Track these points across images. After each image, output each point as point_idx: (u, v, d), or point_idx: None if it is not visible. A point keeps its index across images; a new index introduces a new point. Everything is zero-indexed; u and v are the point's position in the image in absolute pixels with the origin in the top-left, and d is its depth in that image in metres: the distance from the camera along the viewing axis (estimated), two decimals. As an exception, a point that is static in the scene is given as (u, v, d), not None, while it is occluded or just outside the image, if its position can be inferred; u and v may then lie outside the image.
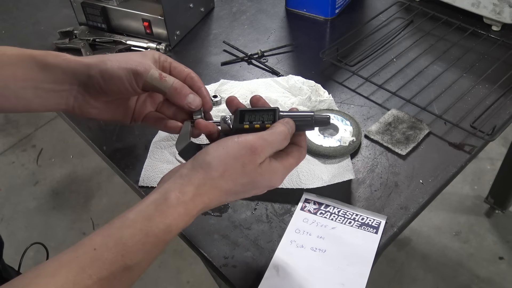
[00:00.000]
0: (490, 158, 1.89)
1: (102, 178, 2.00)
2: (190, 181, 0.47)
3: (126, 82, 0.55)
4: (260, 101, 0.57)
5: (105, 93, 0.57)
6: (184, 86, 0.57)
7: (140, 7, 1.00)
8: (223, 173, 0.48)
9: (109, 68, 0.55)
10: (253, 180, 0.49)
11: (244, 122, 0.54)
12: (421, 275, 1.58)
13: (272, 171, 0.51)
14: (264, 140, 0.49)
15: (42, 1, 1.21)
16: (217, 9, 1.14)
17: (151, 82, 0.56)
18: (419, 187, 0.71)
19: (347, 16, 1.09)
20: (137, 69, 0.55)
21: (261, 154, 0.49)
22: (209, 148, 0.50)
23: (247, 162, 0.48)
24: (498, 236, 1.67)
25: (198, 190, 0.47)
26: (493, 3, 0.96)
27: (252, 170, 0.49)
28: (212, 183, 0.48)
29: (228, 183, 0.48)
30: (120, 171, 0.77)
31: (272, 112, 0.54)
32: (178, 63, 0.61)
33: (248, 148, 0.48)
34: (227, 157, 0.48)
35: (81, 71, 0.56)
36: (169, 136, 0.80)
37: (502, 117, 0.81)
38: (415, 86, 0.88)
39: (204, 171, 0.48)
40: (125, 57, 0.57)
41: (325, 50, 0.95)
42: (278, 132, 0.51)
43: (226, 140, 0.50)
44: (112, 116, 0.62)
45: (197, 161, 0.49)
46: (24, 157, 2.14)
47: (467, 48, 0.95)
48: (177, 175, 0.49)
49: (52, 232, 1.81)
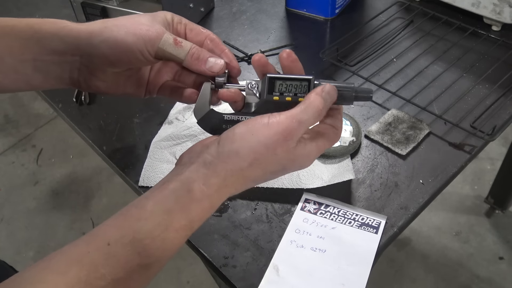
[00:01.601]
0: (490, 158, 1.89)
1: (102, 178, 2.00)
2: (216, 171, 0.43)
3: (136, 51, 0.48)
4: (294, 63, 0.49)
5: (112, 64, 0.49)
6: (202, 51, 0.50)
7: (140, 7, 1.00)
8: (252, 163, 0.43)
9: (115, 35, 0.47)
10: (285, 166, 0.45)
11: (274, 93, 0.47)
12: (421, 275, 1.58)
13: (306, 155, 0.46)
14: (297, 121, 0.44)
15: (42, 1, 1.21)
16: (217, 9, 1.14)
17: (165, 49, 0.48)
18: (419, 187, 0.71)
19: (347, 16, 1.09)
20: (148, 34, 0.48)
21: (294, 138, 0.44)
22: (235, 133, 0.44)
23: (279, 149, 0.43)
24: (498, 236, 1.67)
25: (225, 182, 0.43)
26: (493, 3, 0.96)
27: (285, 157, 0.44)
28: (240, 173, 0.43)
29: (258, 171, 0.44)
30: (120, 171, 0.77)
31: (307, 82, 0.47)
32: (194, 24, 0.53)
33: (280, 133, 0.43)
34: (257, 144, 0.43)
35: (83, 40, 0.48)
36: (169, 136, 0.80)
37: (502, 117, 0.81)
38: (415, 86, 0.88)
39: (231, 161, 0.43)
40: (132, 20, 0.49)
41: (325, 50, 0.95)
42: (312, 108, 0.45)
43: (255, 123, 0.44)
44: (123, 89, 0.54)
45: (223, 147, 0.44)
46: (24, 157, 2.14)
47: (467, 48, 0.95)
48: (200, 161, 0.43)
49: (52, 232, 1.81)
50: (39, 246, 1.76)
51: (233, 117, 0.48)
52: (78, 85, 0.52)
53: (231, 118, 0.48)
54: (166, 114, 0.85)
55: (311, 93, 0.46)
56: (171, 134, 0.80)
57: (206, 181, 0.42)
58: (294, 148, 0.44)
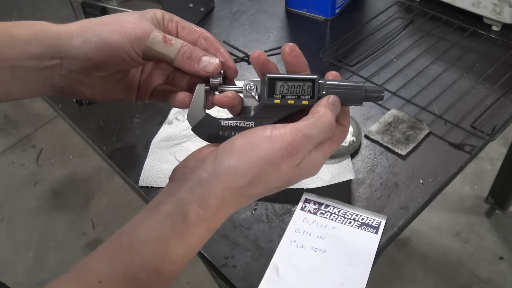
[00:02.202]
0: (490, 158, 1.89)
1: (102, 178, 2.00)
2: (212, 191, 0.38)
3: (122, 51, 0.43)
4: (298, 59, 0.45)
5: (97, 67, 0.45)
6: (195, 49, 0.46)
7: (140, 7, 1.00)
8: (253, 180, 0.39)
9: (98, 34, 0.43)
10: (289, 180, 0.41)
11: (274, 96, 0.43)
12: (421, 275, 1.58)
13: (311, 166, 0.42)
14: (304, 136, 0.39)
15: (42, 1, 1.21)
16: (217, 9, 1.14)
17: (154, 47, 0.44)
18: (419, 187, 0.71)
19: (347, 16, 1.09)
20: (134, 32, 0.43)
21: (299, 153, 0.40)
22: (234, 147, 0.40)
23: (283, 165, 0.39)
24: (498, 236, 1.67)
25: (223, 202, 0.39)
26: (493, 3, 0.96)
27: (288, 173, 0.40)
28: (240, 191, 0.39)
29: (259, 189, 0.40)
30: (120, 171, 0.77)
31: (311, 83, 0.43)
32: (186, 22, 0.48)
33: (284, 148, 0.39)
34: (258, 160, 0.39)
35: (64, 41, 0.43)
36: (169, 136, 0.80)
37: (502, 117, 0.81)
38: (415, 86, 0.88)
39: (229, 178, 0.39)
40: (117, 19, 0.45)
41: (325, 50, 0.95)
42: (321, 122, 0.40)
43: (256, 136, 0.40)
44: (112, 95, 0.49)
45: (220, 163, 0.39)
46: (24, 157, 2.14)
47: (467, 48, 0.95)
48: (195, 179, 0.39)
49: (52, 232, 1.81)
50: (39, 246, 1.76)
51: (231, 122, 0.44)
52: (62, 92, 0.47)
53: (229, 124, 0.44)
54: (166, 114, 0.85)
55: (319, 106, 0.42)
56: (171, 134, 0.80)
57: (202, 203, 0.38)
58: (299, 163, 0.40)
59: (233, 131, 0.44)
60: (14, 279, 1.67)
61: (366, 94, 0.43)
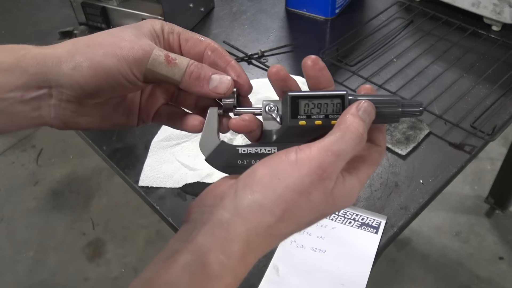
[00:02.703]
0: (490, 158, 1.89)
1: (102, 178, 2.00)
2: (236, 234, 0.33)
3: (119, 76, 0.38)
4: (322, 72, 0.39)
5: (92, 95, 0.39)
6: (203, 67, 0.40)
7: (140, 7, 1.00)
8: (282, 216, 0.34)
9: (90, 58, 0.37)
10: (323, 212, 0.36)
11: (299, 116, 0.38)
12: (421, 275, 1.58)
13: (347, 193, 0.36)
14: (334, 154, 0.34)
15: (42, 1, 1.21)
16: (217, 9, 1.14)
17: (156, 69, 0.39)
18: (419, 187, 0.71)
19: (347, 16, 1.09)
20: (132, 53, 0.38)
21: (331, 176, 0.34)
22: (256, 178, 0.35)
23: (314, 192, 0.34)
24: (498, 236, 1.67)
25: (249, 245, 0.33)
26: (493, 3, 0.96)
27: (322, 202, 0.35)
28: (268, 231, 0.34)
29: (290, 225, 0.35)
30: (120, 171, 0.77)
31: (339, 100, 0.38)
32: (190, 32, 0.42)
33: (314, 172, 0.34)
34: (285, 191, 0.33)
35: (51, 69, 0.37)
36: (169, 136, 0.80)
37: (502, 117, 0.81)
38: (415, 86, 0.88)
39: (255, 217, 0.33)
40: (110, 37, 0.39)
41: (325, 50, 0.95)
42: (350, 134, 0.35)
43: (279, 162, 0.35)
44: (111, 122, 0.43)
45: (241, 199, 0.34)
46: (24, 157, 2.14)
47: (467, 48, 0.95)
48: (215, 220, 0.34)
49: (52, 232, 1.81)
50: (39, 246, 1.76)
51: (249, 149, 0.39)
52: (51, 124, 0.41)
53: (248, 151, 0.39)
54: (166, 114, 0.85)
55: (346, 115, 0.36)
56: (171, 134, 0.80)
57: (225, 249, 0.33)
58: (333, 189, 0.35)
59: (253, 159, 0.39)
60: (14, 279, 1.67)
61: (403, 109, 0.38)
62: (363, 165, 0.38)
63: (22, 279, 1.67)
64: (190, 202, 0.39)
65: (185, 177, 0.74)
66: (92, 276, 1.66)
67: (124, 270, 1.67)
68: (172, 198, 0.73)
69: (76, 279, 1.66)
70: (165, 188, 0.74)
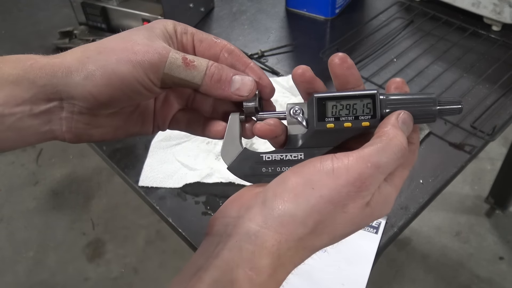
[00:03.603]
0: (490, 158, 1.89)
1: (102, 178, 2.00)
2: (265, 247, 0.31)
3: (135, 83, 0.35)
4: (350, 71, 0.37)
5: (105, 106, 0.36)
6: (223, 68, 0.37)
7: (140, 7, 1.00)
8: (315, 228, 0.32)
9: (102, 65, 0.35)
10: (358, 225, 0.34)
11: (326, 119, 0.35)
12: (421, 275, 1.58)
13: (383, 202, 0.34)
14: (374, 166, 0.32)
15: (42, 1, 1.21)
16: (217, 9, 1.14)
17: (173, 74, 0.36)
18: (419, 187, 0.71)
19: (347, 16, 1.09)
20: (147, 58, 0.35)
21: (370, 188, 0.32)
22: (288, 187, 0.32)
23: (350, 205, 0.32)
24: (498, 236, 1.67)
25: (280, 259, 0.31)
26: (493, 3, 0.96)
27: (358, 214, 0.33)
28: (300, 243, 0.32)
29: (323, 238, 0.33)
30: (120, 171, 0.77)
31: (370, 100, 0.35)
32: (204, 33, 0.39)
33: (352, 183, 0.31)
34: (319, 201, 0.31)
35: (61, 79, 0.35)
36: (169, 136, 0.80)
37: (503, 117, 0.81)
38: (416, 86, 0.88)
39: (286, 228, 0.31)
40: (122, 41, 0.36)
41: (325, 50, 0.95)
42: (393, 147, 0.32)
43: (313, 171, 0.32)
44: (125, 131, 0.41)
45: (271, 209, 0.32)
46: (24, 157, 2.14)
47: (467, 48, 0.95)
48: (241, 233, 0.32)
49: (52, 232, 1.81)
50: (38, 246, 1.76)
51: (275, 156, 0.37)
52: (63, 138, 0.38)
53: (273, 158, 0.37)
54: (166, 114, 0.85)
55: (387, 126, 0.34)
56: (171, 134, 0.80)
57: (254, 264, 0.30)
58: (369, 200, 0.33)
59: (278, 167, 0.37)
60: (14, 279, 1.67)
61: (440, 107, 0.35)
62: (397, 169, 0.35)
63: (22, 279, 1.67)
64: (210, 216, 0.36)
65: (185, 177, 0.74)
66: (92, 276, 1.66)
67: (124, 270, 1.67)
68: (172, 198, 0.73)
69: (76, 279, 1.66)
70: (165, 188, 0.74)
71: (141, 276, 1.64)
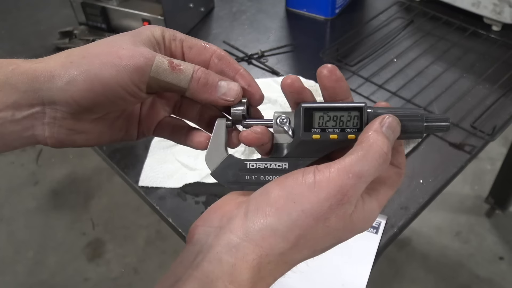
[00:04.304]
0: (490, 158, 1.89)
1: (102, 178, 2.00)
2: (246, 260, 0.31)
3: (119, 88, 0.35)
4: (339, 83, 0.36)
5: (89, 110, 0.36)
6: (209, 73, 0.37)
7: (140, 7, 1.00)
8: (296, 242, 0.32)
9: (85, 70, 0.34)
10: (340, 238, 0.34)
11: (313, 129, 0.35)
12: (421, 275, 1.58)
13: (366, 217, 0.34)
14: (355, 176, 0.31)
15: (42, 1, 1.21)
16: (217, 9, 1.14)
17: (160, 77, 0.35)
18: (419, 187, 0.71)
19: (347, 16, 1.09)
20: (132, 62, 0.35)
21: (352, 200, 0.32)
22: (270, 200, 0.32)
23: (333, 218, 0.32)
24: (498, 236, 1.67)
25: (260, 273, 0.31)
26: (493, 3, 0.96)
27: (340, 228, 0.33)
28: (280, 258, 0.32)
29: (303, 252, 0.33)
30: (120, 171, 0.77)
31: (357, 112, 0.35)
32: (193, 39, 0.39)
33: (333, 196, 0.31)
34: (301, 216, 0.31)
35: (43, 84, 0.34)
36: (169, 136, 0.80)
37: (503, 117, 0.81)
38: (415, 86, 0.88)
39: (267, 242, 0.31)
40: (106, 46, 0.36)
41: (325, 50, 0.95)
42: (373, 153, 0.32)
43: (295, 184, 0.32)
44: (110, 137, 0.40)
45: (253, 222, 0.32)
46: (24, 157, 2.14)
47: (467, 48, 0.95)
48: (222, 245, 0.31)
49: (52, 232, 1.81)
50: (38, 246, 1.76)
51: (259, 164, 0.36)
52: (45, 143, 0.37)
53: (257, 166, 0.36)
54: (166, 114, 0.85)
55: (368, 132, 0.33)
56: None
57: (234, 277, 0.30)
58: (352, 213, 0.33)
59: (262, 175, 0.36)
60: (14, 279, 1.67)
61: (427, 124, 0.35)
62: (382, 187, 0.35)
63: (22, 279, 1.67)
64: (192, 222, 0.36)
65: (185, 177, 0.74)
66: (92, 276, 1.66)
67: (124, 270, 1.67)
68: (172, 198, 0.73)
69: (76, 279, 1.66)
70: (165, 188, 0.74)
71: (141, 276, 1.64)
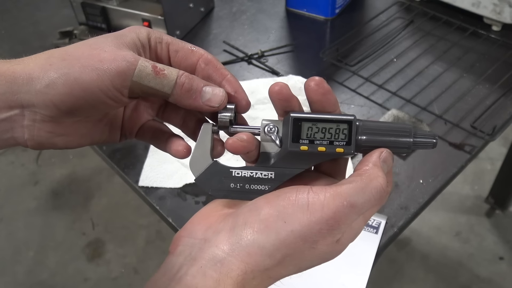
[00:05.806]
0: (490, 158, 1.89)
1: (102, 178, 2.00)
2: (230, 276, 0.30)
3: (99, 92, 0.33)
4: (326, 96, 0.35)
5: (69, 114, 0.35)
6: (194, 78, 0.36)
7: (140, 7, 1.00)
8: (282, 261, 0.31)
9: (65, 73, 0.33)
10: (325, 259, 0.34)
11: (301, 140, 0.35)
12: (421, 275, 1.58)
13: (352, 236, 0.34)
14: (350, 205, 0.31)
15: (42, 1, 1.21)
16: (217, 9, 1.14)
17: (142, 82, 0.34)
18: (419, 187, 0.71)
19: (347, 16, 1.09)
20: (114, 66, 0.33)
21: (342, 228, 0.31)
22: (260, 218, 0.32)
23: (321, 242, 0.31)
24: (498, 236, 1.67)
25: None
26: (493, 3, 0.96)
27: (327, 250, 0.32)
28: (265, 273, 0.31)
29: (288, 269, 0.33)
30: (120, 171, 0.77)
31: (346, 126, 0.34)
32: (181, 42, 0.38)
33: (325, 222, 0.31)
34: (290, 236, 0.31)
35: (22, 87, 0.33)
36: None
37: (503, 117, 0.81)
38: (415, 86, 0.88)
39: (252, 259, 0.31)
40: (88, 48, 0.35)
41: (325, 50, 0.95)
42: (372, 188, 0.32)
43: (287, 204, 0.32)
44: (91, 139, 0.39)
45: (239, 238, 0.31)
46: (24, 157, 2.14)
47: (468, 48, 0.95)
48: (207, 259, 0.31)
49: (52, 232, 1.81)
50: (38, 246, 1.76)
51: (244, 172, 0.36)
52: (25, 145, 0.37)
53: (242, 175, 0.36)
54: (166, 114, 0.85)
55: (368, 164, 0.33)
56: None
57: None
58: (340, 238, 0.33)
59: (247, 184, 0.36)
60: (14, 279, 1.67)
61: (415, 139, 0.35)
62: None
63: (22, 279, 1.67)
64: (176, 232, 0.35)
65: (185, 177, 0.74)
66: (92, 276, 1.66)
67: (124, 270, 1.67)
68: (172, 198, 0.73)
69: (76, 279, 1.66)
70: (165, 188, 0.74)
71: (141, 276, 1.64)
